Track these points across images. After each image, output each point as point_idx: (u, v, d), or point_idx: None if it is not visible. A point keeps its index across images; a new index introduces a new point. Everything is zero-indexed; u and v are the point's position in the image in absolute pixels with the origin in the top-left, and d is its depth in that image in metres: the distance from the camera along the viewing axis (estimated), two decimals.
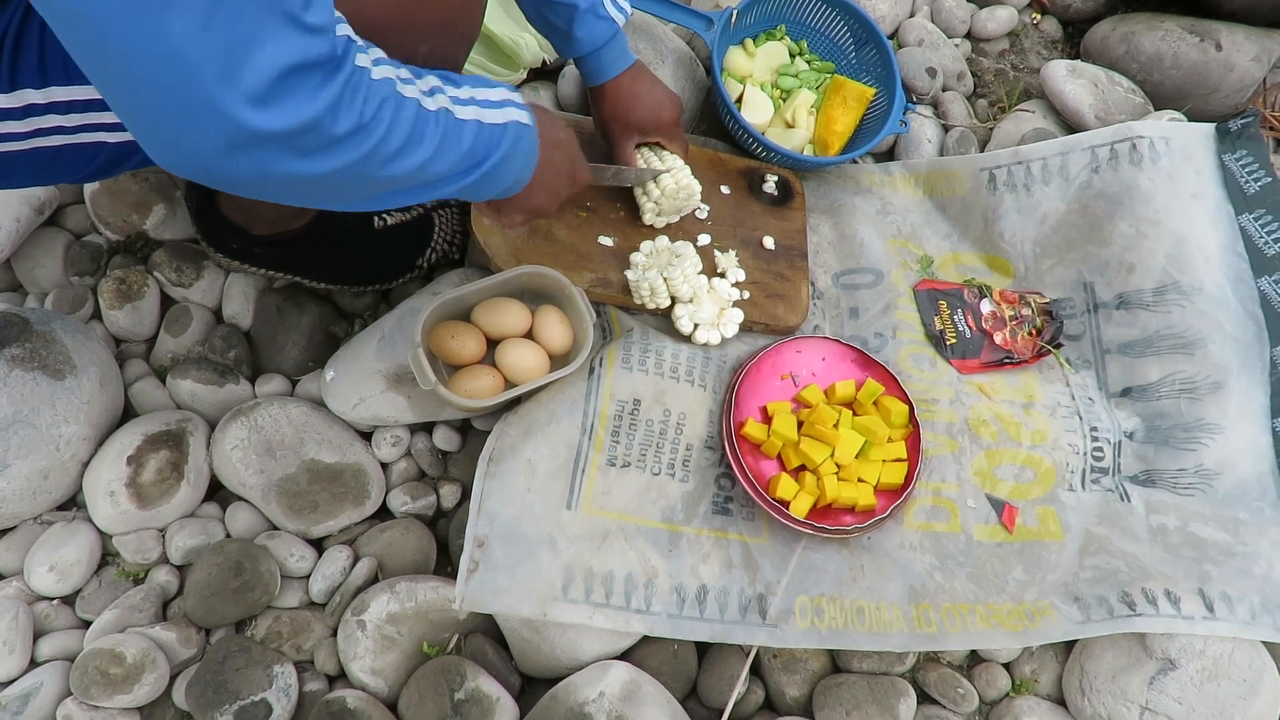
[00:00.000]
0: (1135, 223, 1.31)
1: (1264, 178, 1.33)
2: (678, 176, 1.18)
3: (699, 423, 1.15)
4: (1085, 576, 1.14)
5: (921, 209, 1.43)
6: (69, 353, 1.09)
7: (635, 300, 1.19)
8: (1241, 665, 1.08)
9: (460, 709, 1.01)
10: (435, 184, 0.73)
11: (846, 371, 1.23)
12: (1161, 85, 1.51)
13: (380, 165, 0.65)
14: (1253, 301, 1.28)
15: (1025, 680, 1.15)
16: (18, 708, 0.98)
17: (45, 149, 0.79)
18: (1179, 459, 1.23)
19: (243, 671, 1.01)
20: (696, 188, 1.21)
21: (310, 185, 0.63)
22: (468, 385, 1.09)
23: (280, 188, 0.62)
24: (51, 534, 1.08)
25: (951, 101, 1.52)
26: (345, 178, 0.64)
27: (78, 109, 0.77)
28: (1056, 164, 1.37)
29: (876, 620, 1.10)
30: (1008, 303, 1.34)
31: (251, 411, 1.13)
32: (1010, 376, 1.30)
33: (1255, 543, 1.17)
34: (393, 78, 0.66)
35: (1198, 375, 1.25)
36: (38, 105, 0.76)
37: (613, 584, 1.05)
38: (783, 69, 1.45)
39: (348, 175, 0.63)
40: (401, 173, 0.68)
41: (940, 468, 1.20)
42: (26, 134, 0.77)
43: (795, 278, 1.29)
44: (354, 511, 1.13)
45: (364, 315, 1.28)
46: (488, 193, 0.82)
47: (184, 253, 1.24)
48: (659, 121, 1.17)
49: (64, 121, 0.78)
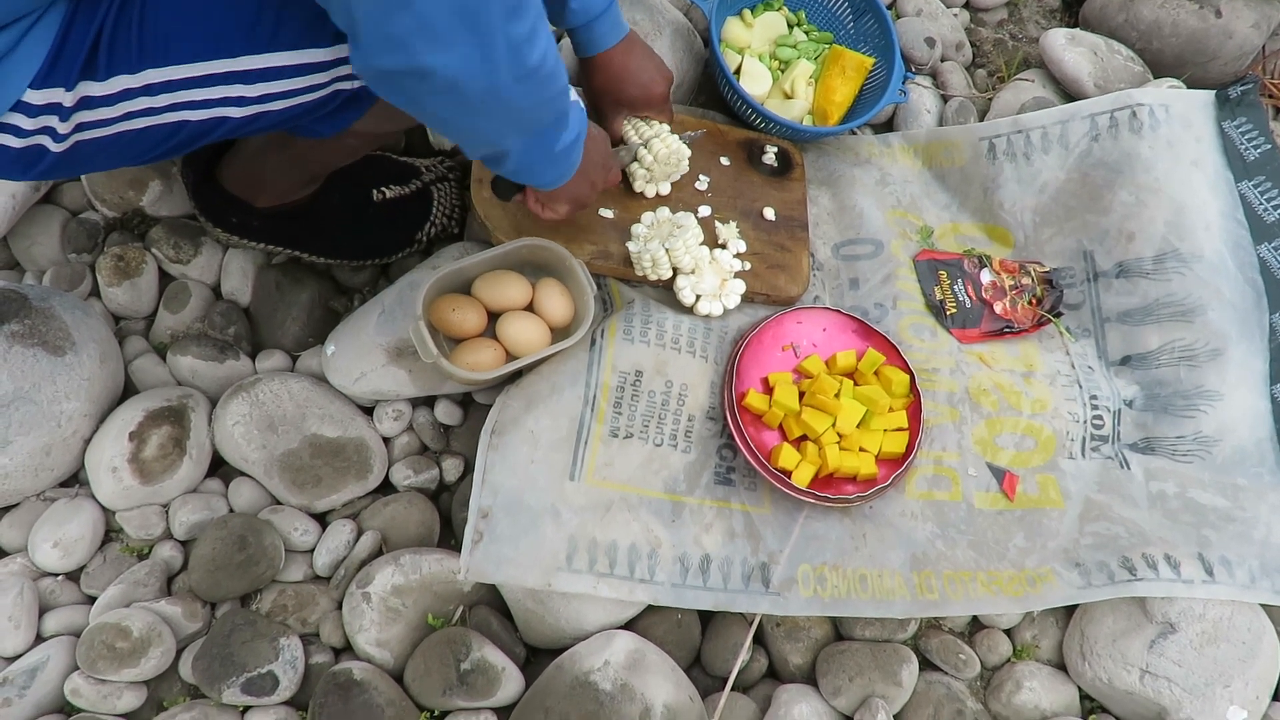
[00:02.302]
0: (1135, 191, 1.31)
1: (1263, 144, 1.33)
2: (666, 141, 1.18)
3: (701, 394, 1.15)
4: (1086, 543, 1.14)
5: (921, 179, 1.43)
6: (68, 329, 1.09)
7: (637, 272, 1.19)
8: (1240, 628, 1.09)
9: (466, 679, 1.01)
10: (549, 124, 0.84)
11: (847, 342, 1.23)
12: (1161, 53, 1.51)
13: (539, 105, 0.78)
14: (1252, 268, 1.28)
15: (1026, 646, 1.16)
16: (25, 682, 0.98)
17: (128, 132, 0.80)
18: (1178, 426, 1.24)
19: (249, 644, 1.01)
20: (685, 152, 1.21)
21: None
22: (469, 358, 1.09)
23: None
24: (55, 510, 1.08)
25: (950, 71, 1.52)
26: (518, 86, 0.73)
27: (171, 88, 0.78)
28: (1056, 133, 1.37)
29: (879, 588, 1.10)
30: (1008, 272, 1.34)
31: (252, 387, 1.13)
32: (1010, 346, 1.30)
33: (1254, 508, 1.18)
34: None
35: (1197, 343, 1.25)
36: (132, 89, 0.77)
37: (616, 554, 1.05)
38: (781, 40, 1.44)
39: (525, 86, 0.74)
40: (542, 118, 0.82)
41: (941, 437, 1.20)
42: (115, 119, 0.79)
43: (796, 248, 1.28)
44: (357, 486, 1.13)
45: (363, 290, 1.28)
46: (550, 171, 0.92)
47: (181, 229, 1.23)
48: (649, 97, 1.18)
49: (153, 103, 0.79)
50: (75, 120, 0.78)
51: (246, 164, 1.12)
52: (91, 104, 0.78)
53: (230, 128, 0.84)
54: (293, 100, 0.83)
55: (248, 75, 0.80)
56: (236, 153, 1.12)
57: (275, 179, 1.12)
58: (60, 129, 0.78)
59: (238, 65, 0.79)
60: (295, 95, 0.83)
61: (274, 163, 1.09)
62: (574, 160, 0.93)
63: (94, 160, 0.84)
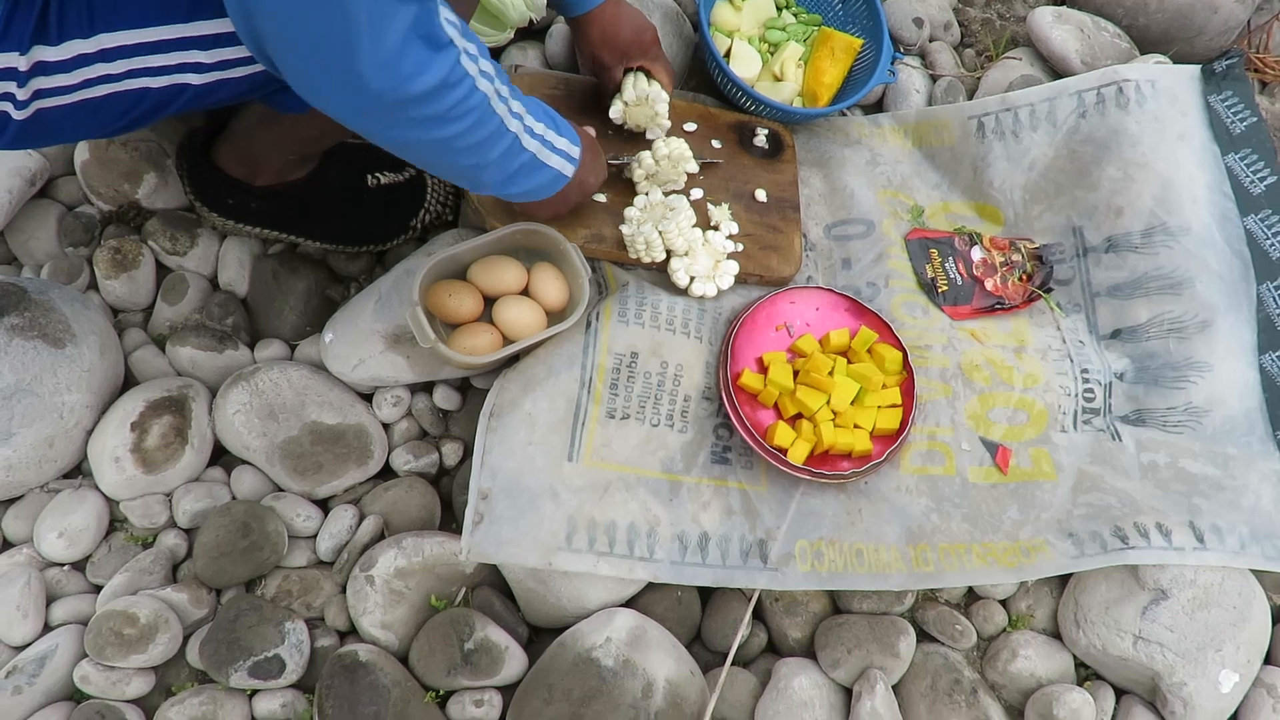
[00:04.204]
0: (1123, 166, 1.32)
1: (1249, 118, 1.34)
2: (670, 145, 1.21)
3: (696, 374, 1.16)
4: (1079, 513, 1.16)
5: (911, 159, 1.44)
6: (68, 321, 1.09)
7: (630, 255, 1.20)
8: (1231, 593, 1.11)
9: (470, 658, 1.03)
10: (491, 180, 0.92)
11: (840, 320, 1.24)
12: (1147, 29, 1.52)
13: (458, 152, 0.84)
14: (1239, 240, 1.30)
15: (1021, 616, 1.18)
16: (34, 670, 0.99)
17: (90, 100, 0.81)
18: (1169, 398, 1.25)
19: (255, 629, 1.02)
20: (688, 152, 1.23)
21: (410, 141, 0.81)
22: (466, 342, 1.10)
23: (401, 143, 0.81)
24: (59, 501, 1.09)
25: (939, 51, 1.52)
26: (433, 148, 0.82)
27: (126, 53, 0.80)
28: (1044, 110, 1.38)
29: (875, 561, 1.12)
30: (998, 249, 1.35)
31: (252, 376, 1.14)
32: (1002, 322, 1.32)
33: (1244, 476, 1.19)
34: (490, 95, 0.82)
35: (1186, 315, 1.27)
36: (87, 55, 0.79)
37: (615, 533, 1.07)
38: (770, 22, 1.44)
39: (435, 148, 0.82)
40: (471, 162, 0.87)
41: (935, 412, 1.22)
42: (74, 86, 0.80)
43: (788, 229, 1.30)
44: (358, 471, 1.15)
45: (359, 279, 1.29)
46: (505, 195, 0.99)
47: (177, 221, 1.24)
48: (643, 43, 1.19)
49: (110, 69, 0.80)
50: (34, 86, 0.79)
51: (240, 143, 1.12)
52: (47, 69, 0.79)
53: (192, 96, 0.85)
54: (252, 67, 0.84)
55: (202, 41, 0.81)
56: (230, 133, 1.13)
57: (268, 157, 1.13)
58: (19, 94, 0.79)
59: (190, 30, 0.80)
60: (253, 62, 0.83)
61: (265, 140, 1.10)
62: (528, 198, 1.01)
63: (62, 129, 0.85)
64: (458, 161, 0.87)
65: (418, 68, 0.72)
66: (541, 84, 1.29)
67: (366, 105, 0.74)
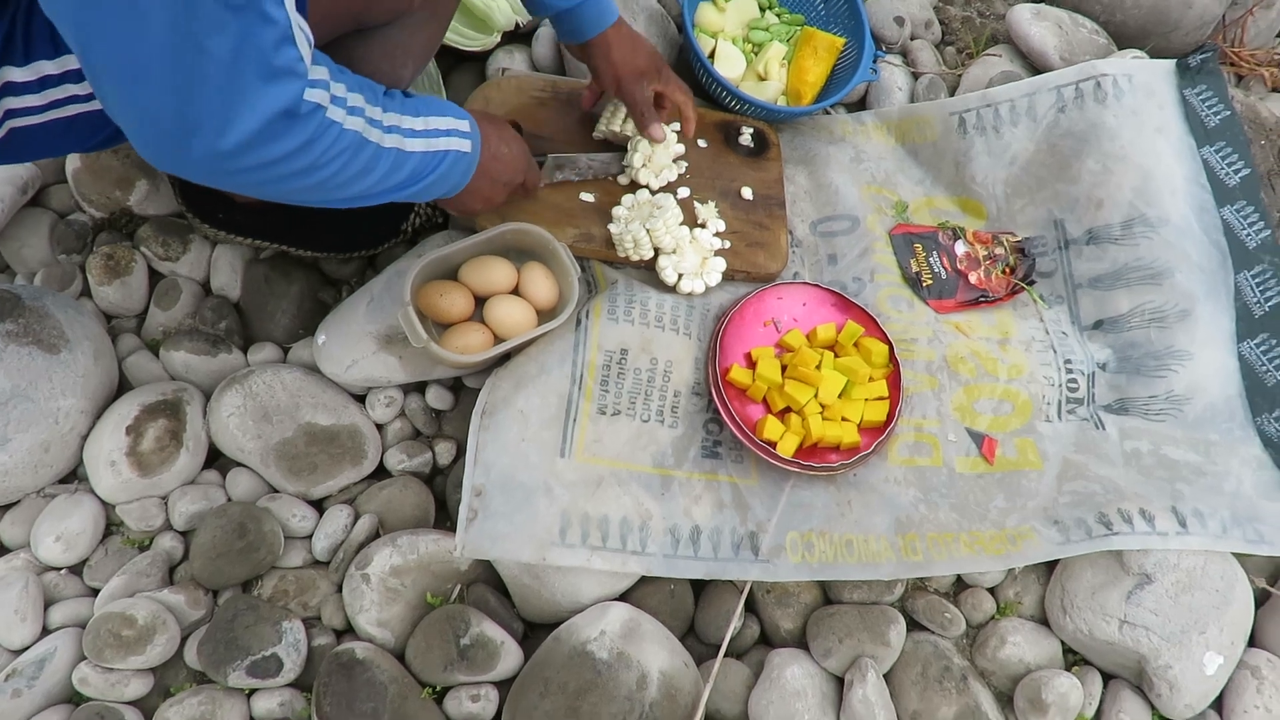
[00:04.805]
0: (1102, 159, 1.34)
1: (1224, 111, 1.37)
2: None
3: (685, 370, 1.18)
4: (1064, 501, 1.18)
5: (894, 156, 1.46)
6: (62, 327, 1.10)
7: (619, 253, 1.21)
8: (1214, 576, 1.13)
9: (466, 654, 1.04)
10: (383, 195, 0.88)
11: (827, 315, 1.26)
12: (1124, 25, 1.54)
13: (334, 188, 0.80)
14: (1216, 230, 1.32)
15: (1009, 603, 1.20)
16: (34, 673, 1.00)
17: (60, 120, 0.82)
18: (1150, 386, 1.27)
19: (252, 629, 1.03)
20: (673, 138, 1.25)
21: (276, 192, 0.78)
22: (458, 341, 1.12)
23: (259, 193, 0.77)
24: (55, 506, 1.10)
25: (920, 49, 1.55)
26: (306, 191, 0.79)
27: None
28: (1024, 105, 1.40)
29: (865, 552, 1.13)
30: (981, 243, 1.37)
31: (246, 379, 1.15)
32: (986, 314, 1.34)
33: (1225, 461, 1.22)
34: (359, 130, 0.78)
35: (1166, 304, 1.29)
36: (52, 76, 0.79)
37: (608, 527, 1.08)
38: (753, 23, 1.46)
39: (308, 190, 0.79)
40: (353, 193, 0.83)
41: (921, 404, 1.23)
42: (43, 106, 0.81)
43: (774, 226, 1.31)
44: (352, 471, 1.16)
45: (351, 282, 1.30)
46: (423, 199, 0.96)
47: (169, 227, 1.25)
48: (659, 64, 1.19)
49: (78, 90, 0.81)
50: (4, 106, 0.80)
51: None
52: (15, 90, 0.79)
53: None
54: None
55: None
56: None
57: None
58: None
59: None
60: None
61: None
62: (446, 187, 0.96)
63: (37, 147, 0.85)
64: (351, 191, 0.83)
65: (276, 140, 0.70)
66: (529, 86, 1.30)
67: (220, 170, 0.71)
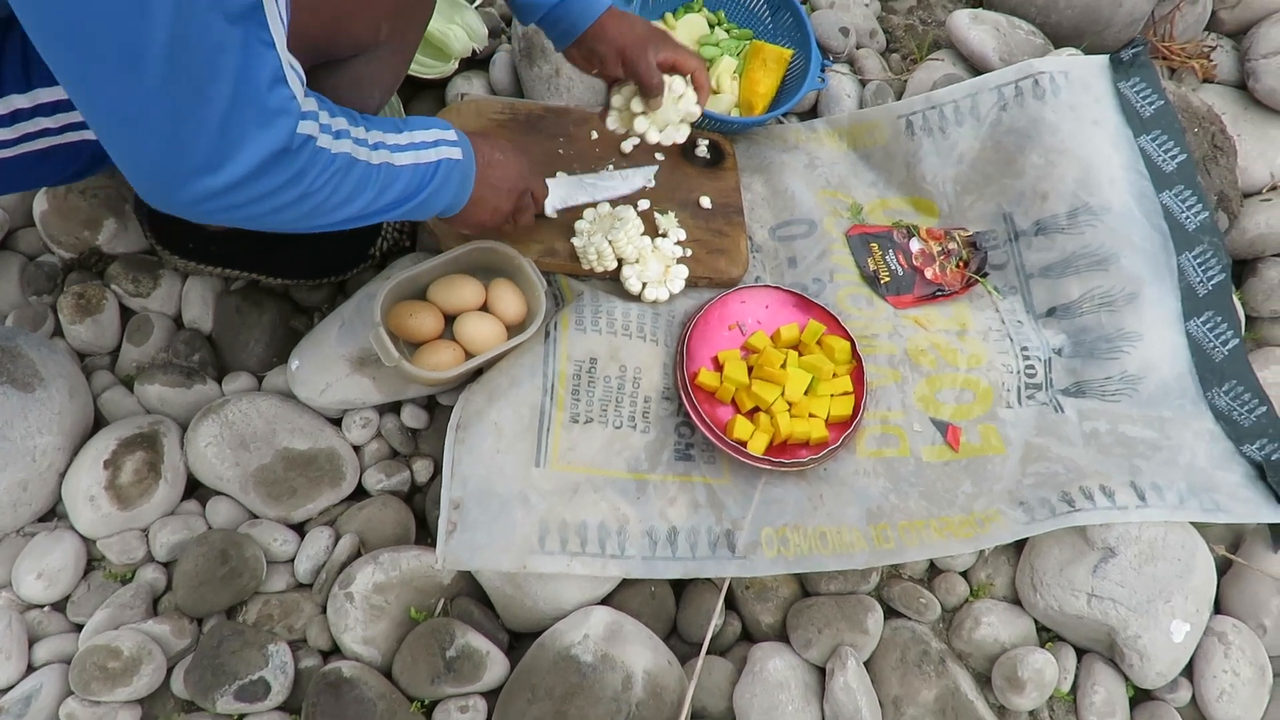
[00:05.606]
0: (1044, 153, 1.39)
1: (1158, 101, 1.43)
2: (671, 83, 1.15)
3: (654, 376, 1.21)
4: (1028, 483, 1.21)
5: (847, 160, 1.51)
6: (35, 366, 1.12)
7: (584, 266, 1.24)
8: (1175, 545, 1.17)
9: (453, 666, 1.05)
10: (381, 213, 0.89)
11: (789, 316, 1.30)
12: (1059, 25, 1.60)
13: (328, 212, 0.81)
14: (1157, 215, 1.37)
15: (982, 585, 1.23)
16: (20, 710, 1.00)
17: (32, 153, 0.83)
18: (1104, 368, 1.32)
19: (238, 654, 1.04)
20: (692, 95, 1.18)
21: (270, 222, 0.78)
22: (430, 359, 1.14)
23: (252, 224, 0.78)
24: (36, 543, 1.10)
25: (866, 57, 1.60)
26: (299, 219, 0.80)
27: (63, 108, 0.81)
28: (967, 105, 1.45)
29: (838, 543, 1.16)
30: (935, 239, 1.41)
31: (221, 409, 1.16)
32: (943, 308, 1.38)
33: (1179, 436, 1.26)
34: (348, 151, 0.80)
35: (1114, 289, 1.34)
36: (24, 110, 0.80)
37: (587, 533, 1.10)
38: (704, 39, 1.51)
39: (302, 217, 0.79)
40: (349, 214, 0.84)
41: (885, 397, 1.27)
42: (14, 140, 0.82)
43: (733, 233, 1.35)
44: (331, 493, 1.17)
45: (322, 308, 1.32)
46: (428, 213, 0.97)
47: (139, 264, 1.27)
48: (662, 34, 1.16)
49: (50, 124, 0.82)
50: None
51: None
52: None
53: None
54: None
55: None
56: None
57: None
58: None
59: None
60: None
61: None
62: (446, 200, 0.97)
63: (9, 180, 0.86)
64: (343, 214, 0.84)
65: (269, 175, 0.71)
66: (488, 110, 1.34)
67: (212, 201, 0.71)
